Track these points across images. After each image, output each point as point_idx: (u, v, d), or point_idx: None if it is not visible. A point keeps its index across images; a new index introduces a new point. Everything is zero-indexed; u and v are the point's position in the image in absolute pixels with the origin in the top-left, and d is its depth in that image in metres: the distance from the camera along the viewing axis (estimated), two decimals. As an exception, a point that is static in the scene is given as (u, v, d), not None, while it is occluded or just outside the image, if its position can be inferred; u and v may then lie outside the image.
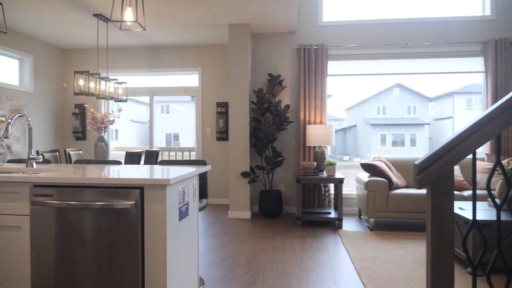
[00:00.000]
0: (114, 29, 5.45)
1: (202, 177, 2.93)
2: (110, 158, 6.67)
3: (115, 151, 7.44)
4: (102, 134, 4.95)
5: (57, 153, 4.92)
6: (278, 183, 5.66)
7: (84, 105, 4.70)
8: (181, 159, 7.04)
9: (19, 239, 2.00)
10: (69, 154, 5.15)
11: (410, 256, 3.47)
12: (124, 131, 29.98)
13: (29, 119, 2.51)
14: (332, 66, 5.67)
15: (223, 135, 6.28)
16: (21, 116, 2.44)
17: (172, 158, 6.92)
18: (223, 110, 6.27)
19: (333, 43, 5.56)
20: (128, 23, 2.59)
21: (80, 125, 6.55)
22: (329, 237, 4.19)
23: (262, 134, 5.13)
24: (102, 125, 4.88)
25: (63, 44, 6.36)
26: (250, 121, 5.29)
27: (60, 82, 6.57)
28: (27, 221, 1.98)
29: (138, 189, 1.89)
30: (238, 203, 5.26)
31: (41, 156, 2.59)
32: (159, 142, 30.90)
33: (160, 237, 1.88)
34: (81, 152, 5.49)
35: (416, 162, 1.51)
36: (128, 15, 2.52)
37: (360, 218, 5.20)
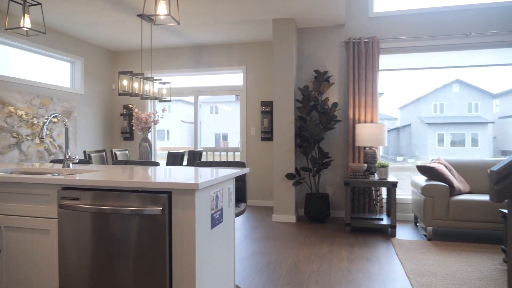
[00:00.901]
0: (158, 29, 5.46)
1: (241, 180, 2.74)
2: (157, 158, 6.73)
3: (162, 151, 7.50)
4: (147, 134, 4.95)
5: (104, 153, 5.00)
6: (325, 185, 5.35)
7: (129, 105, 4.72)
8: (225, 160, 6.95)
9: (48, 242, 1.93)
10: (115, 154, 5.21)
11: (477, 273, 3.03)
12: (175, 131, 30.90)
13: (66, 120, 2.47)
14: (384, 60, 5.26)
15: (267, 135, 6.09)
16: (56, 116, 2.40)
17: (217, 159, 6.84)
18: (267, 109, 6.07)
19: (385, 35, 5.15)
20: (162, 17, 2.47)
21: (127, 126, 6.68)
22: (381, 246, 3.83)
23: (308, 133, 4.86)
24: (146, 125, 4.87)
25: (111, 46, 6.51)
26: (295, 120, 5.04)
27: (109, 84, 6.74)
28: (55, 225, 1.91)
29: (165, 193, 1.73)
30: (282, 206, 5.03)
31: (76, 157, 2.54)
32: (208, 143, 31.51)
33: (189, 246, 1.71)
34: (127, 152, 5.56)
35: (494, 169, 1.20)
36: (162, 8, 2.40)
37: (416, 226, 4.75)
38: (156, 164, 2.91)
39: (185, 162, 5.08)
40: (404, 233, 4.38)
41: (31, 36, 5.07)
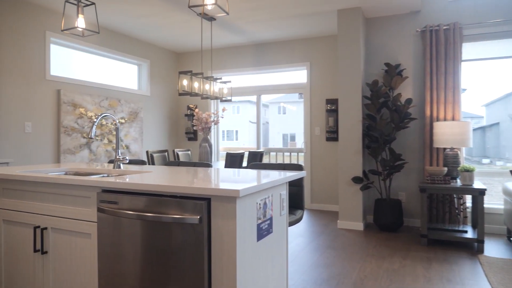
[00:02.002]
0: (219, 28, 5.38)
1: (297, 185, 2.47)
2: (219, 159, 6.69)
3: (225, 151, 7.46)
4: (207, 134, 4.88)
5: (166, 154, 5.03)
6: (397, 191, 4.84)
7: (190, 105, 4.69)
8: (289, 161, 6.69)
9: (89, 247, 1.84)
10: (177, 154, 5.23)
11: None
12: (243, 132, 31.37)
13: (116, 119, 2.41)
14: (467, 49, 4.60)
15: (333, 134, 5.70)
16: (105, 116, 2.35)
17: (280, 159, 6.61)
18: (333, 107, 5.69)
19: (469, 20, 4.49)
20: (209, 7, 2.30)
21: (192, 126, 6.73)
22: (465, 264, 3.29)
23: (377, 133, 4.41)
24: (206, 125, 4.81)
25: (175, 48, 6.61)
26: (363, 119, 4.62)
27: (174, 85, 6.86)
28: (96, 229, 1.81)
29: (204, 200, 1.53)
30: (348, 212, 4.64)
31: (127, 158, 2.47)
32: (276, 143, 31.48)
33: (230, 261, 1.49)
34: (189, 152, 5.56)
35: None
36: (209, -3, 2.24)
37: (510, 241, 4.05)
38: (208, 165, 2.75)
39: (245, 163, 4.92)
40: (494, 249, 3.75)
41: (104, 42, 5.29)
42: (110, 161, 3.21)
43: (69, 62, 4.99)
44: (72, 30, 3.49)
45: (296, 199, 2.44)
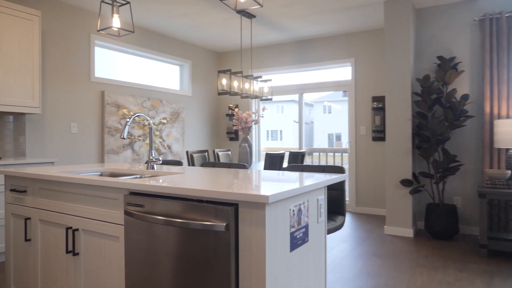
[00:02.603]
0: (259, 26, 5.26)
1: (338, 188, 2.28)
2: (261, 159, 6.57)
3: (268, 151, 7.34)
4: (247, 134, 4.78)
5: (206, 154, 4.99)
6: (451, 195, 4.44)
7: (230, 105, 4.62)
8: (332, 162, 6.44)
9: (117, 250, 1.78)
10: (217, 154, 5.18)
11: None
12: (288, 132, 31.15)
13: (149, 119, 2.36)
14: (536, 38, 4.11)
15: (379, 134, 5.38)
16: (138, 116, 2.29)
17: (323, 160, 6.37)
18: (379, 105, 5.36)
19: (538, 6, 4.01)
20: (242, 0, 2.17)
21: (232, 126, 6.68)
22: (533, 280, 2.90)
23: (429, 132, 4.07)
24: (246, 125, 4.70)
25: (216, 47, 6.58)
26: (412, 117, 4.29)
27: (215, 85, 6.84)
28: (123, 232, 1.75)
29: (232, 206, 1.40)
30: (396, 217, 4.32)
31: (160, 159, 2.41)
32: (321, 143, 30.91)
33: (258, 273, 1.35)
34: (229, 152, 5.50)
35: None
36: (242, -12, 2.12)
37: None
38: (244, 167, 2.63)
39: (286, 164, 4.76)
40: None
41: (146, 43, 5.37)
42: (147, 162, 3.20)
43: (112, 64, 5.10)
44: (108, 30, 3.52)
45: (336, 204, 2.25)
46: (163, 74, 5.92)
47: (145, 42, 5.41)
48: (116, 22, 2.50)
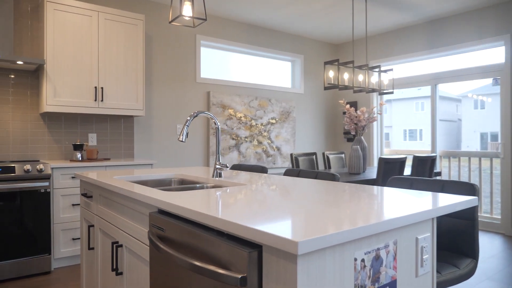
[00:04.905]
0: (376, 8, 4.46)
1: (466, 217, 1.51)
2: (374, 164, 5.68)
3: (393, 154, 6.35)
4: (361, 135, 4.08)
5: (314, 157, 4.46)
6: None
7: (340, 101, 3.99)
8: (476, 168, 5.17)
9: (146, 277, 1.45)
10: (327, 158, 4.60)
11: None
12: (428, 131, 27.89)
13: (215, 118, 2.00)
14: None
15: (548, 134, 3.99)
16: (196, 116, 1.95)
17: (464, 168, 5.12)
18: (548, 94, 3.97)
19: None
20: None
21: (344, 125, 5.95)
22: None
23: None
24: (360, 123, 4.01)
25: (329, 39, 5.95)
26: None
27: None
28: (148, 255, 1.41)
29: (255, 249, 0.90)
30: None
31: (227, 165, 2.02)
32: (471, 144, 26.73)
33: None
34: (343, 156, 4.85)
35: None
36: None
37: None
38: (334, 177, 2.04)
39: (408, 172, 3.88)
40: None
41: (252, 39, 5.14)
42: (233, 167, 2.87)
43: (217, 63, 5.01)
44: (178, 19, 3.32)
45: (462, 240, 1.49)
46: (273, 72, 5.60)
47: (252, 39, 5.17)
48: (187, 10, 2.21)
